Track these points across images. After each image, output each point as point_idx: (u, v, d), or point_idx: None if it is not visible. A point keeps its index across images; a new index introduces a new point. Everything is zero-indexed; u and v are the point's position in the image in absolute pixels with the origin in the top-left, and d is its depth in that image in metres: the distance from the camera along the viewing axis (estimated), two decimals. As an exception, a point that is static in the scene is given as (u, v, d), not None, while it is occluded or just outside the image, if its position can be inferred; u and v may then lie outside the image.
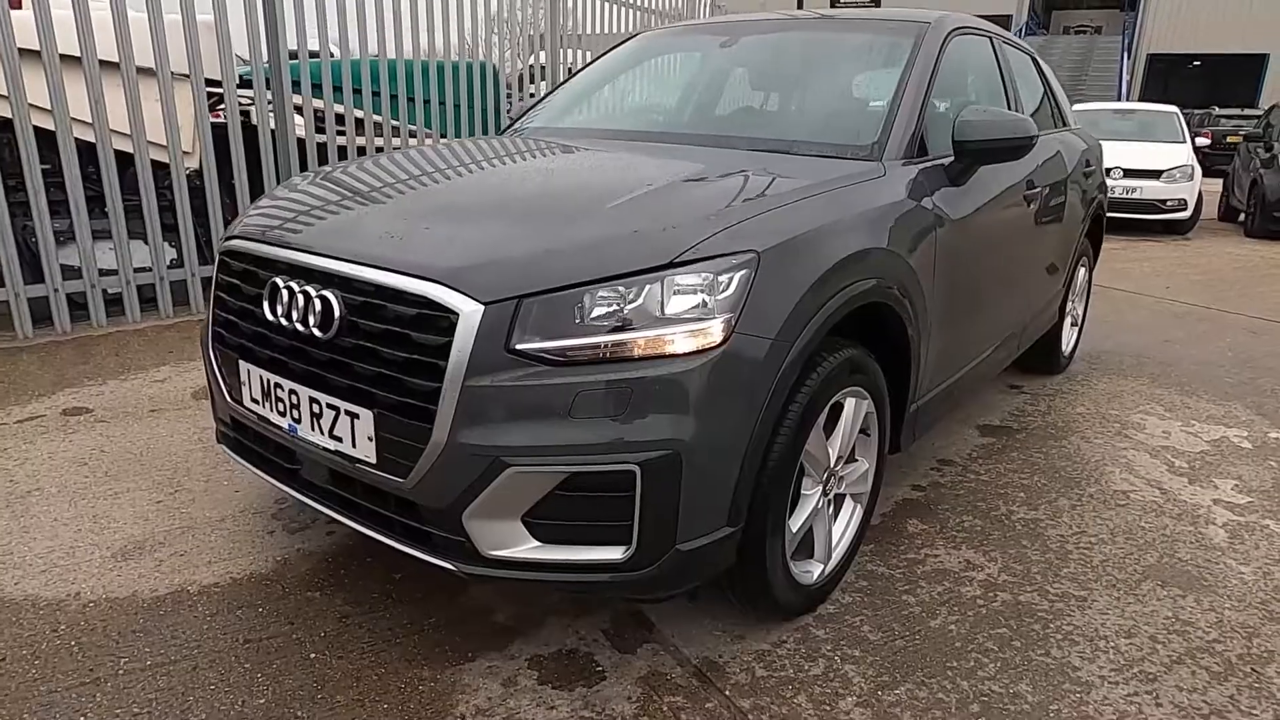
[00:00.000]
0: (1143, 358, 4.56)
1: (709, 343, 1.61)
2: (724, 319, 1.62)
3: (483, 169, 2.30)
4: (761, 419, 1.70)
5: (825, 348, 1.91)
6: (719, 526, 1.71)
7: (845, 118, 2.55)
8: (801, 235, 1.80)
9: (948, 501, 2.78)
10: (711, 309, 1.62)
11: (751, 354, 1.65)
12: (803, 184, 2.00)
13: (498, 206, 1.95)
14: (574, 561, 1.65)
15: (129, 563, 2.27)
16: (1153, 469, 3.09)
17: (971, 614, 2.15)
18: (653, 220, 1.74)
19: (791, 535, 1.94)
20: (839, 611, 2.15)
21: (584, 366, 1.58)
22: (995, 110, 2.40)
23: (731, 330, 1.62)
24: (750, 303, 1.65)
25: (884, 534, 2.55)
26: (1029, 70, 3.64)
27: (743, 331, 1.64)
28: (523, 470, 1.58)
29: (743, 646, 1.99)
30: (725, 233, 1.69)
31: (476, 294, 1.59)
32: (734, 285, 1.65)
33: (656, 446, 1.57)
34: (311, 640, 1.97)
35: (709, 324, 1.61)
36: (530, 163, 2.33)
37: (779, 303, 1.70)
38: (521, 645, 1.98)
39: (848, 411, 2.07)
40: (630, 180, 2.04)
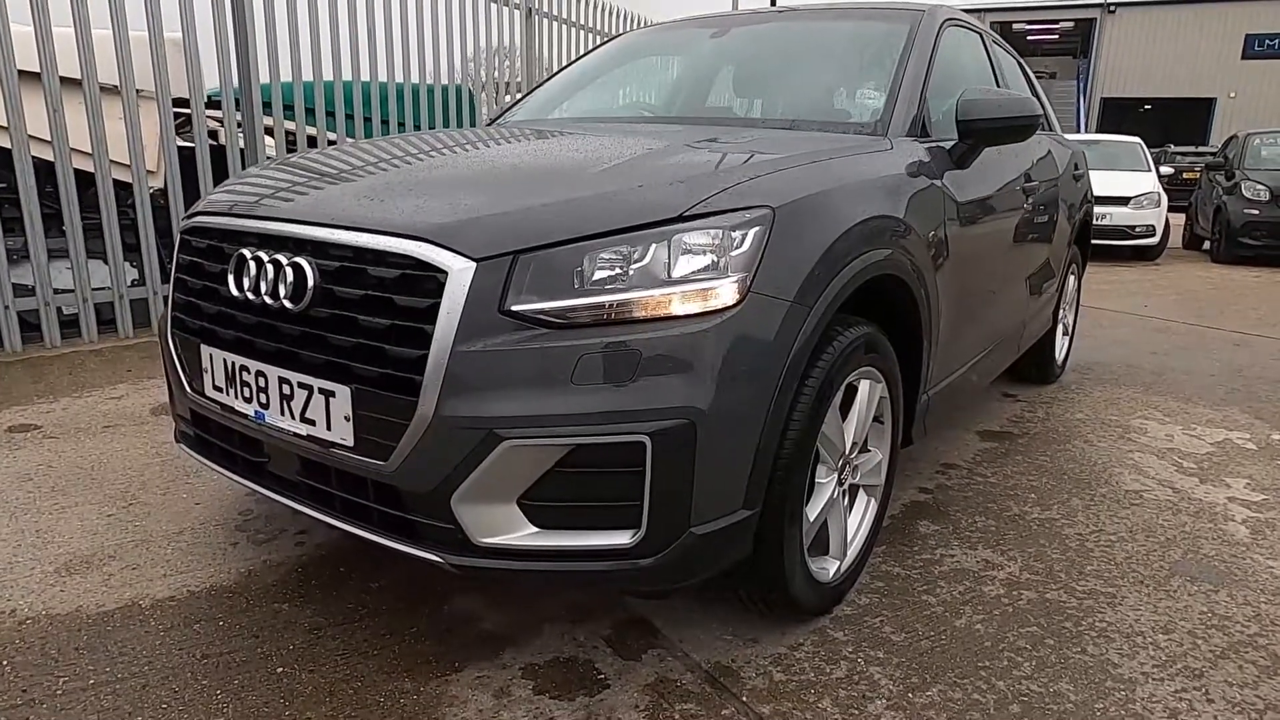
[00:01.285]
0: (1133, 368, 4.50)
1: (724, 302, 1.47)
2: (739, 277, 1.49)
3: (467, 148, 2.16)
4: (780, 389, 1.56)
5: (840, 322, 1.79)
6: (736, 509, 1.55)
7: (847, 97, 2.46)
8: (815, 195, 1.68)
9: (957, 503, 2.64)
10: (725, 267, 1.49)
11: (768, 316, 1.52)
12: (814, 148, 1.89)
13: (486, 174, 1.82)
14: (577, 548, 1.48)
15: (73, 578, 2.05)
16: (1161, 469, 2.98)
17: (998, 613, 2.00)
18: (657, 177, 1.61)
19: (808, 524, 1.78)
20: (857, 613, 1.99)
21: (587, 329, 1.43)
22: (997, 89, 2.33)
23: (747, 290, 1.49)
24: (766, 261, 1.52)
25: (895, 535, 2.40)
26: (1015, 69, 3.62)
27: (759, 291, 1.50)
28: (519, 444, 1.41)
29: (757, 650, 1.82)
30: (737, 188, 1.57)
31: (467, 250, 1.44)
32: (749, 242, 1.52)
33: (669, 415, 1.41)
34: (279, 654, 1.77)
35: (723, 282, 1.47)
36: (518, 143, 2.20)
37: (796, 263, 1.58)
38: (514, 654, 1.79)
39: (862, 394, 1.93)
40: (628, 146, 1.92)
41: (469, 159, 1.99)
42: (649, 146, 1.85)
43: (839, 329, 1.78)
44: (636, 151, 1.79)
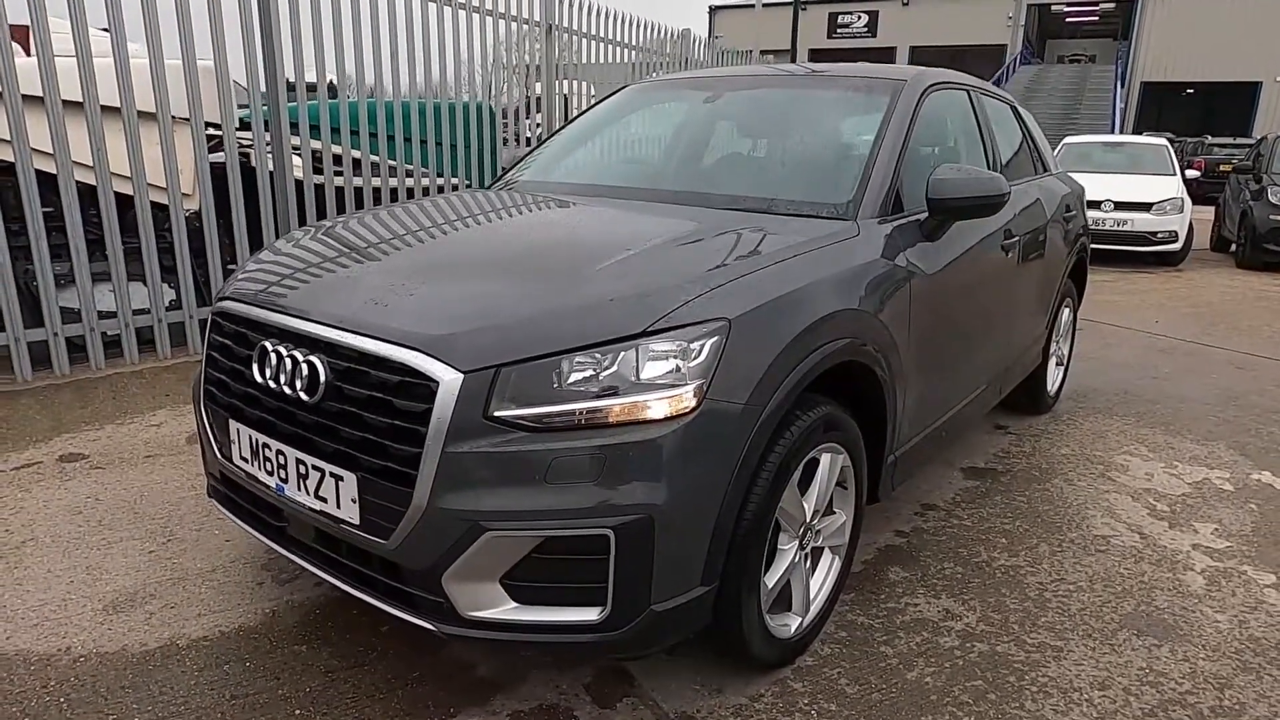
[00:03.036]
0: (1129, 395, 4.60)
1: (681, 409, 1.66)
2: (695, 385, 1.68)
3: (470, 227, 2.36)
4: (734, 481, 1.75)
5: (799, 406, 1.97)
6: (694, 586, 1.75)
7: (822, 176, 2.62)
8: (773, 300, 1.86)
9: (930, 548, 2.82)
10: (684, 375, 1.68)
11: (723, 419, 1.71)
12: (778, 247, 2.06)
13: (481, 270, 2.01)
14: (551, 623, 1.69)
15: (120, 615, 2.31)
16: (1134, 513, 3.13)
17: (949, 665, 2.19)
18: (629, 287, 1.80)
19: (767, 591, 1.98)
20: (817, 664, 2.18)
21: (560, 433, 1.63)
22: (968, 169, 2.47)
23: (703, 396, 1.68)
24: (721, 369, 1.71)
25: (865, 582, 2.59)
26: (1008, 119, 3.73)
27: (714, 397, 1.69)
28: (500, 534, 1.62)
29: (720, 700, 2.03)
30: (698, 300, 1.75)
31: (456, 362, 1.64)
32: (705, 352, 1.70)
33: (630, 510, 1.62)
34: (297, 696, 2.01)
35: (681, 390, 1.66)
36: (516, 221, 2.39)
37: (750, 367, 1.76)
38: (503, 700, 2.01)
39: (823, 467, 2.11)
40: (610, 244, 2.10)
41: (469, 249, 2.18)
42: (627, 248, 2.03)
43: (798, 413, 1.96)
44: (614, 256, 1.97)
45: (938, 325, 2.56)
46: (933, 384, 2.62)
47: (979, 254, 2.82)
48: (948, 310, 2.63)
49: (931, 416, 2.68)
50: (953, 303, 2.66)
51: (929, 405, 2.63)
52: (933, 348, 2.56)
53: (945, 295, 2.59)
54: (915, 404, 2.51)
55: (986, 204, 2.46)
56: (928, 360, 2.53)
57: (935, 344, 2.57)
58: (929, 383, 2.58)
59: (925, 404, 2.60)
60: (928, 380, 2.56)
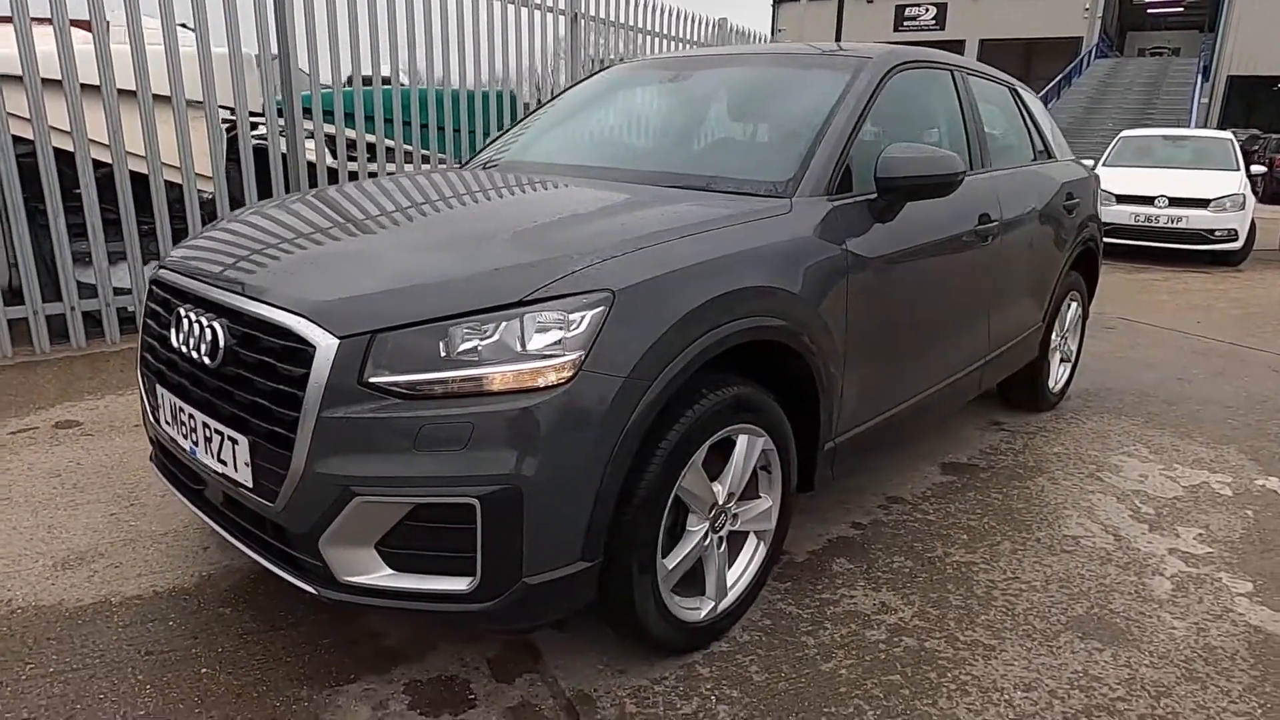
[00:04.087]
0: (1146, 396, 4.38)
1: (553, 380, 1.64)
2: (571, 357, 1.65)
3: (402, 204, 2.36)
4: (615, 456, 1.71)
5: (704, 385, 1.93)
6: (571, 561, 1.73)
7: (766, 154, 2.56)
8: (670, 273, 1.82)
9: (884, 541, 2.73)
10: (562, 346, 1.66)
11: (599, 392, 1.67)
12: (692, 221, 2.02)
13: (391, 243, 2.02)
14: (423, 591, 1.69)
15: (66, 573, 2.40)
16: (1115, 514, 2.97)
17: (869, 659, 2.11)
18: (518, 258, 1.79)
19: (667, 572, 1.94)
20: (732, 650, 2.13)
21: (430, 401, 1.63)
22: (920, 147, 2.38)
23: (578, 369, 1.65)
24: (602, 341, 1.68)
25: (807, 571, 2.52)
26: (1004, 101, 3.58)
27: (591, 370, 1.66)
28: (370, 500, 1.63)
29: (621, 681, 2.00)
30: (584, 271, 1.72)
31: (333, 328, 1.65)
32: (584, 324, 1.68)
33: (495, 481, 1.60)
34: (208, 655, 2.05)
35: (555, 361, 1.64)
36: (445, 198, 2.39)
37: (636, 341, 1.72)
38: (404, 670, 2.02)
39: (740, 449, 2.06)
40: (524, 217, 2.09)
41: (388, 227, 2.15)
42: (534, 220, 2.02)
43: (705, 391, 1.92)
44: (518, 227, 1.96)
45: (887, 309, 2.48)
46: (883, 370, 2.53)
47: (944, 238, 2.71)
48: (901, 294, 2.54)
49: (884, 404, 2.59)
50: (908, 287, 2.56)
51: (879, 392, 2.55)
52: (881, 332, 2.47)
53: (898, 279, 2.50)
54: (860, 390, 2.43)
55: (937, 183, 2.37)
56: (875, 345, 2.45)
57: (884, 329, 2.49)
58: (878, 369, 2.50)
59: (873, 391, 2.51)
60: (876, 366, 2.48)
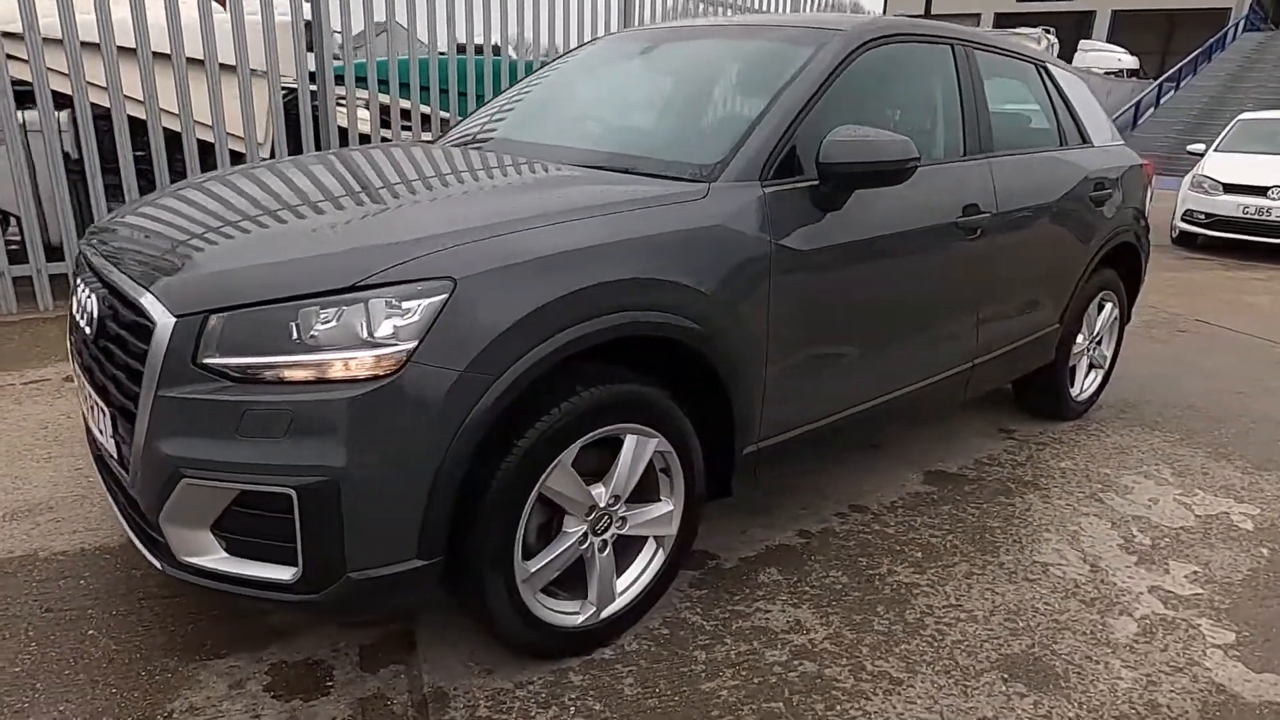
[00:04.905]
0: (1192, 410, 3.97)
1: (378, 371, 1.56)
2: (400, 348, 1.57)
3: (295, 185, 2.18)
4: (452, 453, 1.63)
5: (578, 381, 1.82)
6: (407, 559, 1.66)
7: (702, 135, 2.38)
8: (526, 262, 1.70)
9: (828, 552, 2.55)
10: (393, 335, 1.58)
11: (430, 385, 1.59)
12: (578, 205, 1.90)
13: (256, 224, 1.92)
14: (253, 577, 1.65)
15: (11, 524, 2.50)
16: (1102, 541, 2.70)
17: (757, 681, 1.97)
18: (364, 241, 1.71)
19: (530, 574, 1.85)
20: (615, 659, 2.03)
21: (257, 386, 1.58)
22: (868, 130, 2.16)
23: (407, 360, 1.57)
24: (438, 331, 1.59)
25: (730, 580, 2.38)
26: (1027, 81, 3.25)
27: (421, 362, 1.58)
28: (195, 483, 1.60)
29: (485, 681, 1.93)
30: (427, 257, 1.63)
31: (171, 306, 1.63)
32: (419, 313, 1.59)
33: (311, 472, 1.55)
34: (101, 617, 2.10)
35: (380, 352, 1.56)
36: (346, 178, 2.22)
37: (477, 333, 1.63)
38: (277, 649, 2.01)
39: (626, 450, 1.95)
40: (399, 199, 2.00)
41: (280, 204, 2.04)
42: (409, 202, 1.94)
43: (578, 388, 1.81)
44: (387, 208, 1.89)
45: (829, 307, 2.29)
46: (821, 372, 2.35)
47: (910, 230, 2.48)
48: (849, 291, 2.34)
49: (823, 410, 2.41)
50: (859, 283, 2.36)
51: (816, 397, 2.37)
52: (820, 332, 2.29)
53: (844, 274, 2.30)
54: (789, 393, 2.26)
55: (882, 171, 2.16)
56: (810, 345, 2.27)
57: (824, 328, 2.30)
58: (814, 371, 2.32)
59: (809, 395, 2.34)
60: (811, 368, 2.30)
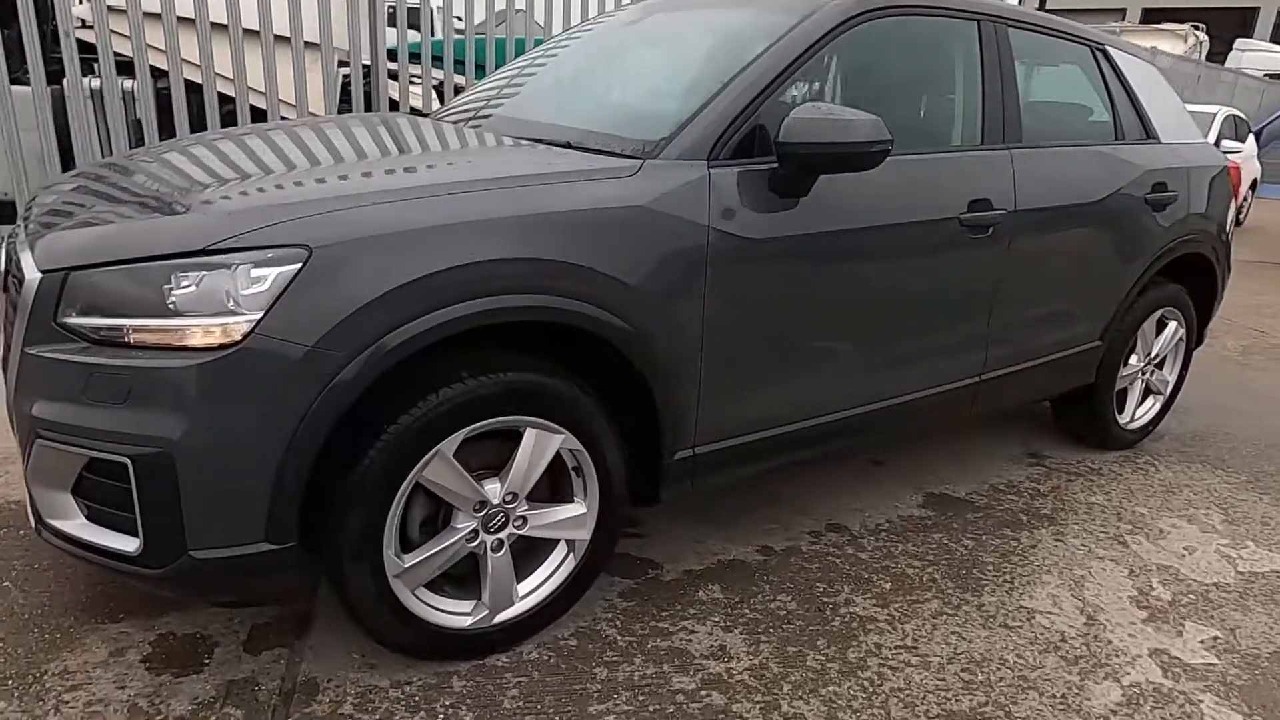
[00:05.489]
0: (1273, 450, 3.47)
1: (220, 341, 1.47)
2: (246, 318, 1.48)
3: (223, 152, 2.10)
4: (301, 434, 1.53)
5: (465, 366, 1.70)
6: (254, 541, 1.58)
7: (656, 108, 2.19)
8: (399, 233, 1.58)
9: (783, 574, 2.33)
10: (240, 304, 1.49)
11: (276, 360, 1.49)
12: (478, 177, 1.76)
13: (157, 185, 1.87)
14: (103, 546, 1.61)
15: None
16: (1111, 591, 2.36)
17: (653, 709, 1.80)
18: (233, 207, 1.63)
19: (403, 569, 1.74)
20: (508, 667, 1.89)
21: (106, 349, 1.52)
22: (835, 108, 1.93)
23: (251, 332, 1.47)
24: (287, 304, 1.49)
25: (665, 593, 2.20)
26: (1079, 65, 2.89)
27: (266, 334, 1.48)
28: (47, 445, 1.56)
29: (362, 677, 1.83)
30: (283, 224, 1.53)
31: (39, 262, 1.59)
32: (269, 282, 1.49)
33: (145, 442, 1.48)
34: (23, 570, 2.12)
35: (225, 321, 1.48)
36: (275, 145, 2.14)
37: (333, 306, 1.52)
38: (172, 620, 1.97)
39: (526, 444, 1.80)
40: (294, 166, 1.92)
41: (175, 173, 1.95)
42: (301, 167, 1.85)
43: (464, 374, 1.69)
44: (274, 174, 1.81)
45: (785, 302, 2.07)
46: (776, 375, 2.13)
47: (894, 225, 2.22)
48: (810, 286, 2.11)
49: (784, 416, 2.19)
50: (822, 277, 2.12)
51: (772, 401, 2.15)
52: (775, 330, 2.08)
53: (804, 267, 2.07)
54: (735, 397, 2.06)
55: (846, 154, 1.93)
56: (761, 344, 2.06)
57: (780, 325, 2.08)
58: (768, 373, 2.10)
59: (762, 398, 2.12)
60: (764, 369, 2.09)
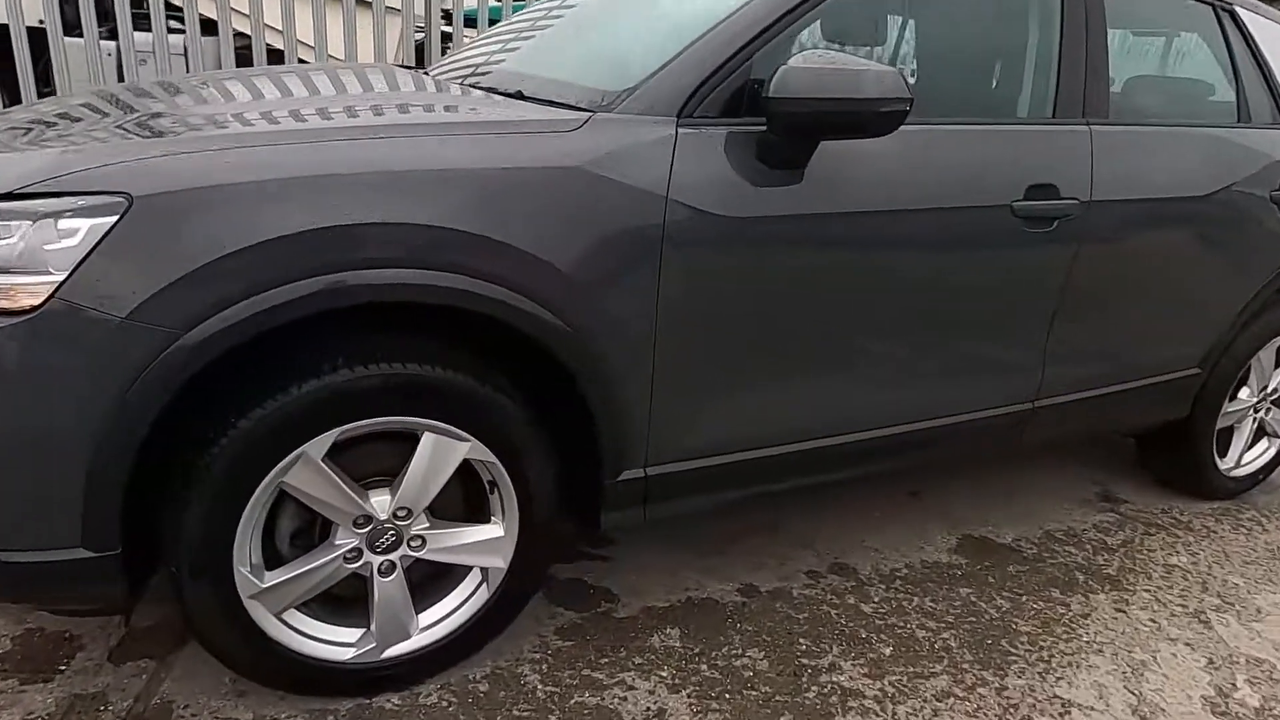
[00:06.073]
0: None
1: (14, 306, 1.22)
2: (49, 279, 1.21)
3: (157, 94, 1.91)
4: (117, 423, 1.26)
5: (344, 351, 1.41)
6: (67, 546, 1.32)
7: (629, 55, 1.82)
8: (249, 184, 1.28)
9: (762, 621, 1.95)
10: (46, 263, 1.23)
11: (83, 332, 1.22)
12: (370, 123, 1.47)
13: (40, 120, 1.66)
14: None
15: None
16: (1178, 687, 1.87)
17: (550, 787, 1.47)
18: (67, 145, 1.39)
19: (263, 588, 1.46)
20: (400, 711, 1.60)
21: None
22: (842, 57, 1.54)
23: (51, 296, 1.21)
24: (99, 263, 1.22)
25: (612, 635, 1.86)
26: (1194, 30, 2.34)
27: (71, 299, 1.21)
28: None
29: (224, 707, 1.58)
30: (103, 168, 1.26)
31: None
32: (79, 236, 1.22)
33: (-71, 423, 1.24)
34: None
35: (16, 281, 1.21)
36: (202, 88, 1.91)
37: (157, 269, 1.24)
38: (46, 615, 1.76)
39: (422, 451, 1.49)
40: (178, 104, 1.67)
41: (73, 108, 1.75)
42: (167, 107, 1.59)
43: (339, 362, 1.40)
44: (144, 110, 1.56)
45: (767, 297, 1.68)
46: (756, 387, 1.75)
47: (921, 209, 1.79)
48: (802, 279, 1.71)
49: (766, 436, 1.81)
50: (816, 270, 1.72)
51: (750, 418, 1.78)
52: (754, 330, 1.70)
53: (793, 255, 1.68)
54: (701, 408, 1.70)
55: (855, 113, 1.53)
56: (735, 346, 1.69)
57: (761, 324, 1.70)
58: (745, 383, 1.73)
59: (736, 413, 1.75)
60: (738, 378, 1.72)
